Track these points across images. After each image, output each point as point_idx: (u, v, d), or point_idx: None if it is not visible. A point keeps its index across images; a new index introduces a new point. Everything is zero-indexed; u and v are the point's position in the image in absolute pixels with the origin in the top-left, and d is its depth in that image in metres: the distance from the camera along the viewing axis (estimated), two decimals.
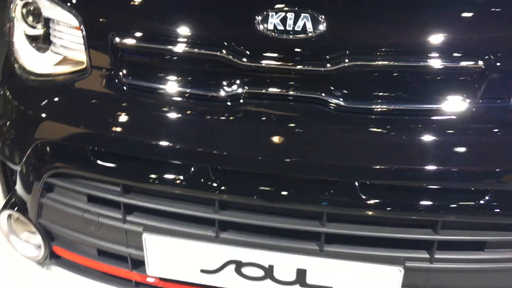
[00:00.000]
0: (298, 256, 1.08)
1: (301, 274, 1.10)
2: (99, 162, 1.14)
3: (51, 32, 1.25)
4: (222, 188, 1.07)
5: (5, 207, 1.34)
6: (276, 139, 1.05)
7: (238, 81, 1.08)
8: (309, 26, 1.02)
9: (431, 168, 1.01)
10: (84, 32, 1.16)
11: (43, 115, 1.21)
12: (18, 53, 1.33)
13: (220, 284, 1.16)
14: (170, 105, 1.11)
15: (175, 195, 1.12)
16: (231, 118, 1.08)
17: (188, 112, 1.10)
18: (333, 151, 1.04)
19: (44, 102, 1.23)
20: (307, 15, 1.02)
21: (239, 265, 1.12)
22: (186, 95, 1.10)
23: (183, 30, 1.08)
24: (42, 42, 1.29)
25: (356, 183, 1.03)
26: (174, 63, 1.11)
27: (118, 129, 1.12)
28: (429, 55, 1.01)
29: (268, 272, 1.11)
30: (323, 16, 1.02)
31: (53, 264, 1.37)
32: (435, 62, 1.01)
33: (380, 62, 1.02)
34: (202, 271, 1.15)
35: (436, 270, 1.07)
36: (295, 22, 1.03)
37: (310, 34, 1.03)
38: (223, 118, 1.08)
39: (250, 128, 1.07)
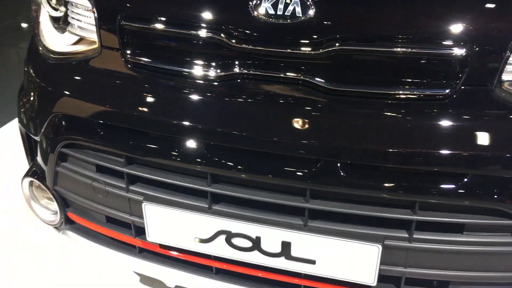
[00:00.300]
0: (284, 230, 1.15)
1: (286, 246, 1.16)
2: (105, 134, 1.24)
3: (69, 14, 1.36)
4: (214, 162, 1.15)
5: (27, 174, 1.47)
6: (264, 118, 1.12)
7: (232, 62, 1.15)
8: (299, 11, 1.08)
9: (410, 150, 1.05)
10: (96, 14, 1.26)
11: (59, 90, 1.32)
12: (43, 34, 1.46)
13: (213, 252, 1.24)
14: (169, 82, 1.19)
15: (173, 168, 1.21)
16: (224, 96, 1.15)
17: (185, 89, 1.18)
18: (317, 130, 1.09)
19: (60, 79, 1.34)
20: (297, 0, 1.08)
21: (229, 236, 1.19)
22: (184, 73, 1.18)
23: (182, 14, 1.16)
24: (63, 23, 1.40)
25: (338, 162, 1.08)
26: (174, 44, 1.19)
27: (122, 104, 1.22)
28: (413, 41, 1.05)
29: (256, 244, 1.18)
30: (312, 2, 1.07)
31: (68, 230, 1.48)
32: (419, 48, 1.04)
33: (365, 48, 1.07)
34: (197, 239, 1.23)
35: (414, 249, 1.11)
36: (285, 7, 1.08)
37: (299, 19, 1.08)
38: (216, 96, 1.15)
39: (240, 106, 1.14)
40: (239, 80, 1.15)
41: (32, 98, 1.43)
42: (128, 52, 1.23)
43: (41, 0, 1.43)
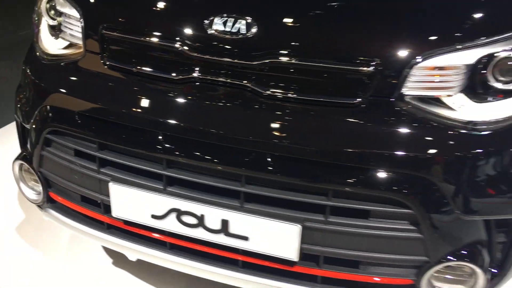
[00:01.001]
0: (223, 210, 1.37)
1: (225, 224, 1.38)
2: (83, 123, 1.48)
3: (62, 23, 1.62)
4: (169, 150, 1.38)
5: (17, 158, 1.71)
6: (210, 114, 1.36)
7: (189, 68, 1.39)
8: (243, 29, 1.33)
9: (325, 147, 1.28)
10: (82, 24, 1.52)
11: (48, 86, 1.57)
12: (41, 39, 1.71)
13: (166, 228, 1.46)
14: (137, 82, 1.44)
15: (136, 154, 1.44)
16: (180, 96, 1.39)
17: (149, 89, 1.43)
18: (251, 127, 1.33)
19: (50, 76, 1.59)
20: (242, 20, 1.33)
21: (179, 213, 1.42)
22: (150, 75, 1.43)
23: (151, 27, 1.42)
24: (57, 31, 1.66)
25: (268, 154, 1.31)
26: (142, 50, 1.44)
27: (97, 98, 1.46)
28: (330, 58, 1.29)
29: (200, 221, 1.40)
30: (253, 22, 1.32)
31: (49, 208, 1.71)
32: (335, 64, 1.29)
33: (293, 61, 1.31)
34: (152, 216, 1.45)
35: (330, 231, 1.33)
36: (233, 25, 1.33)
37: (243, 36, 1.33)
38: (174, 95, 1.40)
39: (193, 104, 1.38)
40: (193, 83, 1.39)
41: (26, 93, 1.68)
42: (106, 55, 1.49)
43: (42, 11, 1.70)
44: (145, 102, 1.42)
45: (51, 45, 1.66)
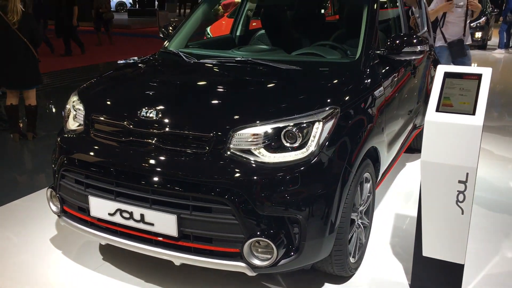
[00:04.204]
0: (142, 208, 2.59)
1: (142, 216, 2.60)
2: (79, 165, 2.80)
3: (77, 113, 3.02)
4: (115, 176, 2.65)
5: (49, 187, 3.05)
6: (135, 158, 2.63)
7: (129, 134, 2.69)
8: (154, 115, 2.64)
9: (188, 174, 2.50)
10: (84, 113, 2.90)
11: (66, 146, 2.93)
12: (68, 123, 3.11)
13: (115, 221, 2.69)
14: (105, 142, 2.77)
15: (102, 179, 2.72)
16: (124, 150, 2.69)
17: (109, 146, 2.74)
18: (156, 163, 2.58)
19: (67, 141, 2.96)
20: (154, 111, 2.64)
21: (121, 211, 2.65)
22: (110, 139, 2.75)
23: (111, 115, 2.77)
24: (75, 117, 3.06)
25: (163, 177, 2.54)
26: (108, 126, 2.78)
27: (86, 152, 2.80)
28: (194, 130, 2.55)
29: (131, 215, 2.62)
30: (159, 112, 2.63)
31: (64, 216, 3.00)
32: (196, 132, 2.55)
33: (176, 131, 2.58)
34: (108, 214, 2.70)
35: (192, 220, 2.50)
36: (149, 114, 2.65)
37: (153, 118, 2.63)
38: (120, 149, 2.70)
39: (128, 154, 2.67)
40: (130, 142, 2.69)
41: (56, 151, 3.06)
42: (92, 129, 2.84)
43: (70, 107, 3.11)
44: (107, 153, 2.73)
45: (71, 125, 3.06)
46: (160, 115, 2.64)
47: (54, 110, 7.73)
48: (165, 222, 2.55)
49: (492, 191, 4.40)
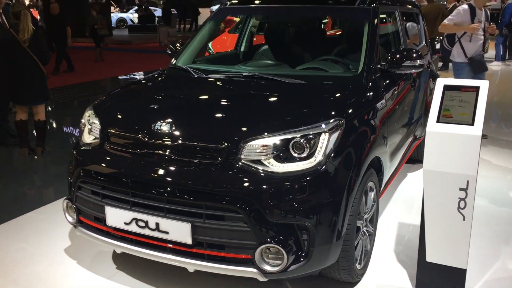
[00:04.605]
0: (157, 217, 2.71)
1: (157, 225, 2.72)
2: (95, 176, 2.93)
3: (92, 127, 3.15)
4: (131, 187, 2.78)
5: (65, 199, 3.17)
6: (150, 169, 2.76)
7: (145, 146, 2.82)
8: (167, 128, 2.77)
9: (202, 183, 2.63)
10: (100, 127, 3.03)
11: (82, 158, 3.06)
12: (83, 136, 3.24)
13: (131, 230, 2.81)
14: (119, 154, 2.90)
15: (118, 190, 2.84)
16: (139, 161, 2.82)
17: (124, 158, 2.87)
18: (169, 174, 2.70)
19: (83, 153, 3.09)
20: (168, 125, 2.78)
21: (136, 221, 2.77)
22: (126, 151, 2.88)
23: (127, 128, 2.90)
24: (90, 131, 3.19)
25: (177, 187, 2.67)
26: (123, 139, 2.91)
27: (102, 164, 2.92)
28: (207, 142, 2.69)
29: (147, 224, 2.74)
30: (172, 125, 2.76)
31: (79, 226, 3.11)
32: (208, 144, 2.68)
33: (190, 142, 2.71)
34: (124, 223, 2.82)
35: (205, 227, 2.62)
36: (163, 127, 2.78)
37: (167, 131, 2.76)
38: (134, 162, 2.82)
39: (143, 164, 2.79)
40: (146, 154, 2.82)
41: (72, 163, 3.18)
42: (107, 142, 2.97)
43: (85, 121, 3.25)
44: (123, 165, 2.86)
45: (86, 138, 3.18)
46: (173, 128, 2.77)
47: (55, 125, 7.87)
48: (179, 230, 2.66)
49: (492, 200, 4.52)
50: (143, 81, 3.86)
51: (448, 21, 5.94)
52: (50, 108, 8.52)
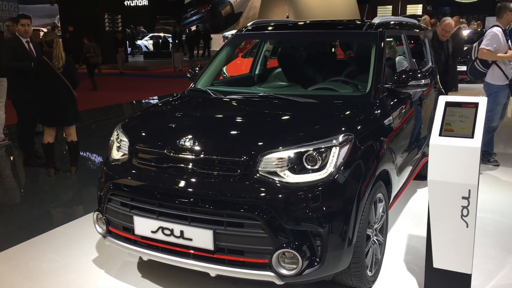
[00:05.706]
0: (182, 225, 2.95)
1: (182, 232, 2.95)
2: (124, 189, 3.18)
3: (120, 144, 3.42)
4: (158, 198, 3.02)
5: (95, 211, 3.42)
6: (175, 182, 3.01)
7: (170, 160, 3.08)
8: (191, 144, 3.03)
9: (224, 193, 2.87)
10: (128, 144, 3.30)
11: (112, 172, 3.32)
12: (112, 153, 3.51)
13: (157, 238, 3.04)
14: (148, 168, 3.15)
15: (145, 201, 3.09)
16: (164, 174, 3.07)
17: (150, 171, 3.12)
18: (193, 185, 2.95)
19: (113, 169, 3.35)
20: (191, 141, 3.04)
21: (163, 229, 3.01)
22: (153, 165, 3.14)
23: (154, 144, 3.17)
24: (118, 148, 3.46)
25: (200, 197, 2.91)
26: (150, 154, 3.17)
27: (131, 177, 3.18)
28: (227, 155, 2.94)
29: (172, 232, 2.98)
30: (195, 141, 3.02)
31: (109, 236, 3.35)
32: (227, 157, 2.93)
33: (211, 156, 2.97)
34: (151, 231, 3.06)
35: (226, 234, 2.85)
36: (186, 143, 3.04)
37: (190, 147, 3.02)
38: (161, 175, 3.08)
39: (168, 177, 3.05)
40: (171, 167, 3.07)
41: (102, 178, 3.44)
42: (135, 157, 3.24)
43: (114, 139, 3.52)
44: (150, 178, 3.12)
45: (115, 154, 3.45)
46: (196, 143, 3.03)
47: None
48: (202, 237, 2.89)
49: (495, 212, 4.69)
50: (166, 102, 4.15)
51: (487, 47, 5.78)
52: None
